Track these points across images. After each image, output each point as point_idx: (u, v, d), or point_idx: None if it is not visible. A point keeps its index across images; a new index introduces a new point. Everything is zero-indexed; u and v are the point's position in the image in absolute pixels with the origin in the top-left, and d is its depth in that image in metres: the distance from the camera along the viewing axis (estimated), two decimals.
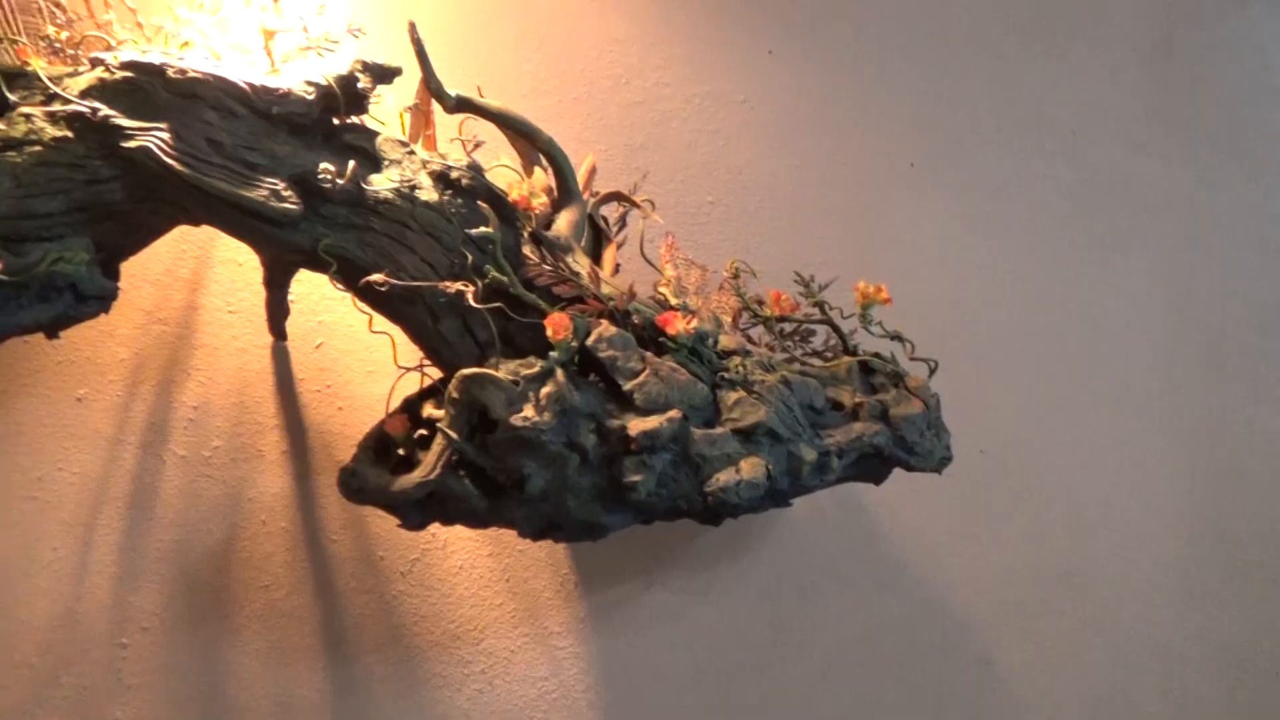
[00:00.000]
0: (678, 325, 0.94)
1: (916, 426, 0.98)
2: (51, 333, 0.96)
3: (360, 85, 1.00)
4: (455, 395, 0.90)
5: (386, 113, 1.06)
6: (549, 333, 0.91)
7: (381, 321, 1.01)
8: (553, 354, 0.91)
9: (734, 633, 1.21)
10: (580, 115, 1.21)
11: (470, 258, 0.94)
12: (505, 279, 0.94)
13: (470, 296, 0.93)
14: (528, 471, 0.88)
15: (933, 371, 1.06)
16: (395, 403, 1.13)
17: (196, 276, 1.15)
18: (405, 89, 1.07)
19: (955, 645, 1.23)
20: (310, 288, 1.16)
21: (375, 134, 1.01)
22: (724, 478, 0.89)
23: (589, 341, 0.92)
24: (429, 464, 0.91)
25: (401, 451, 0.98)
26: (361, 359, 1.17)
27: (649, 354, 0.94)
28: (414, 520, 0.94)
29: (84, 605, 1.12)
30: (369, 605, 1.16)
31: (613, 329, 0.93)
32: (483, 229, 0.93)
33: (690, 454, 0.90)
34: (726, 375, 0.95)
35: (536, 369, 0.90)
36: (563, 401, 0.89)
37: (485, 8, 1.20)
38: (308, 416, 1.17)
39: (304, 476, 1.16)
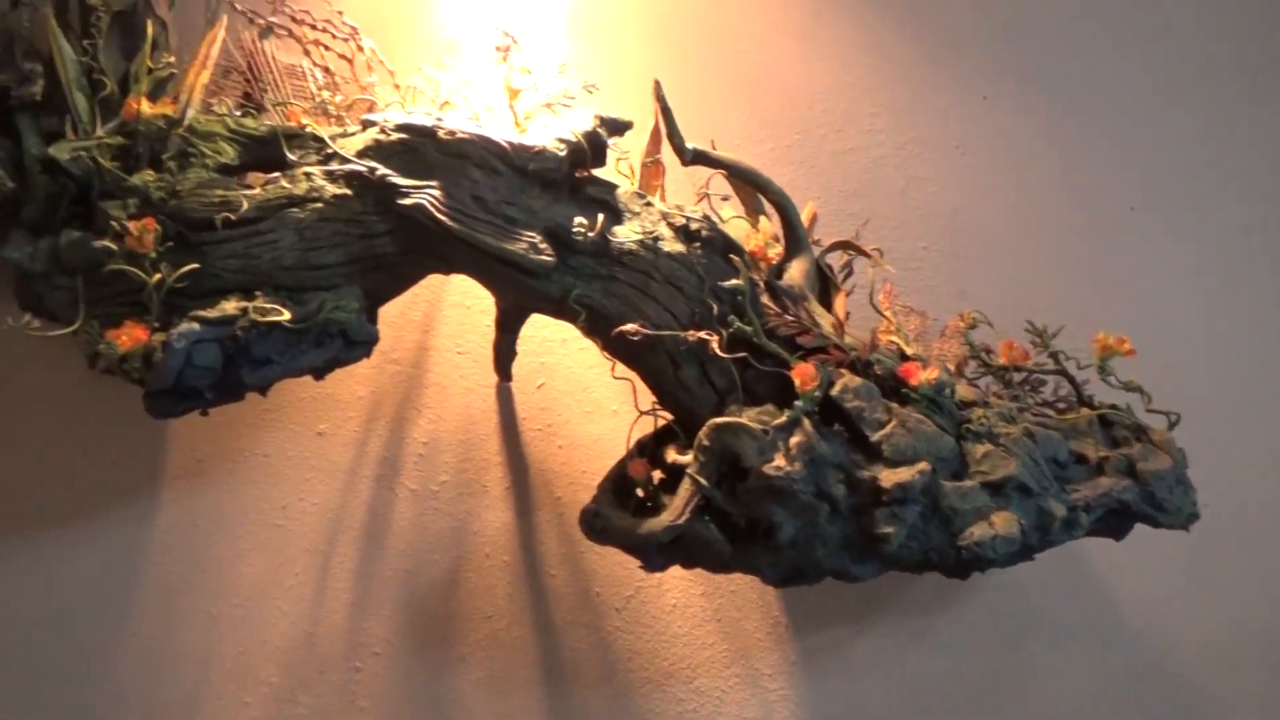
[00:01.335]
0: (920, 376, 0.95)
1: (1165, 482, 0.95)
2: (319, 375, 1.03)
3: (602, 140, 1.05)
4: (706, 443, 0.92)
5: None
6: (796, 383, 0.92)
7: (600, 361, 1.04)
8: (798, 403, 0.93)
9: (947, 682, 1.19)
10: (793, 163, 1.23)
11: (715, 308, 0.97)
12: (750, 329, 0.96)
13: (715, 345, 0.96)
14: (778, 520, 0.90)
15: (1173, 424, 1.03)
16: (613, 443, 1.18)
17: (428, 319, 1.21)
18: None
19: (1185, 710, 1.19)
20: (532, 331, 1.20)
21: (615, 187, 1.05)
22: (978, 532, 0.89)
23: (834, 392, 0.94)
24: (677, 508, 0.93)
25: (640, 494, 1.01)
26: (580, 400, 1.21)
27: (894, 405, 0.94)
28: (657, 563, 0.96)
29: (321, 629, 1.19)
30: (585, 639, 1.19)
31: (857, 379, 0.94)
32: (734, 281, 0.96)
33: (941, 507, 0.90)
34: (971, 427, 0.95)
35: (784, 418, 0.92)
36: (811, 451, 0.90)
37: (698, 59, 1.24)
38: (529, 454, 1.21)
39: (525, 512, 1.20)
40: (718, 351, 0.95)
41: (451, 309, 1.22)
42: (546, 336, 1.21)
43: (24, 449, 1.17)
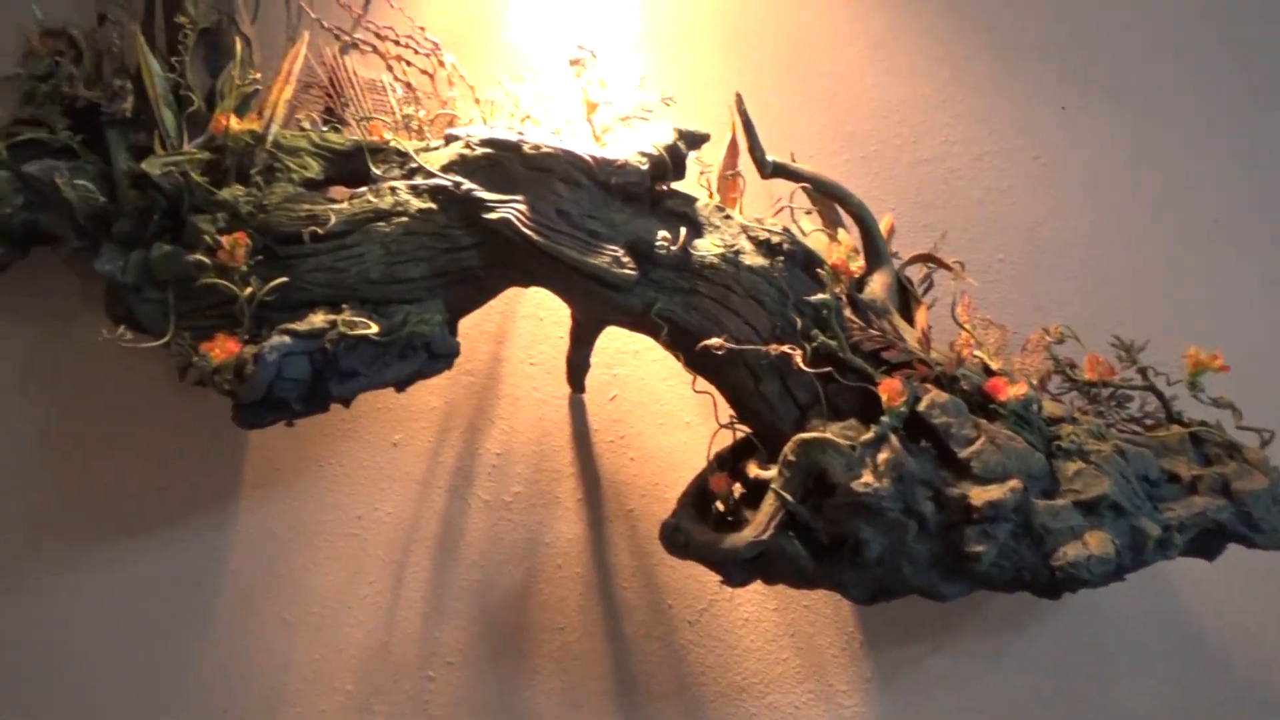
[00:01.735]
0: (1008, 391, 0.94)
1: (1262, 502, 0.93)
2: (401, 387, 1.04)
3: (682, 153, 1.05)
4: (792, 458, 0.91)
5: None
6: (883, 398, 0.92)
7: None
8: (884, 419, 0.92)
9: (1024, 703, 1.17)
10: (868, 174, 1.22)
11: (799, 322, 0.97)
12: (835, 344, 0.95)
13: (799, 360, 0.95)
14: (865, 537, 0.89)
15: (1265, 442, 1.00)
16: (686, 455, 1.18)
17: (501, 330, 1.22)
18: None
19: None
20: (605, 343, 1.20)
21: (694, 200, 1.05)
22: (1072, 552, 0.87)
23: (921, 407, 0.93)
24: (760, 524, 0.93)
25: (720, 507, 1.00)
26: (653, 412, 1.21)
27: (981, 421, 0.93)
28: (738, 578, 0.96)
29: (395, 638, 1.20)
30: (657, 652, 1.19)
31: (944, 395, 0.93)
32: (820, 295, 0.95)
33: (1033, 525, 0.89)
34: (1061, 444, 0.93)
35: (871, 434, 0.91)
36: (900, 468, 0.89)
37: (772, 71, 1.23)
38: (601, 466, 1.21)
39: (597, 524, 1.21)
40: (801, 366, 0.94)
41: (525, 321, 1.22)
42: (619, 348, 1.21)
43: (111, 458, 1.20)
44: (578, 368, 1.18)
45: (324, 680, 1.20)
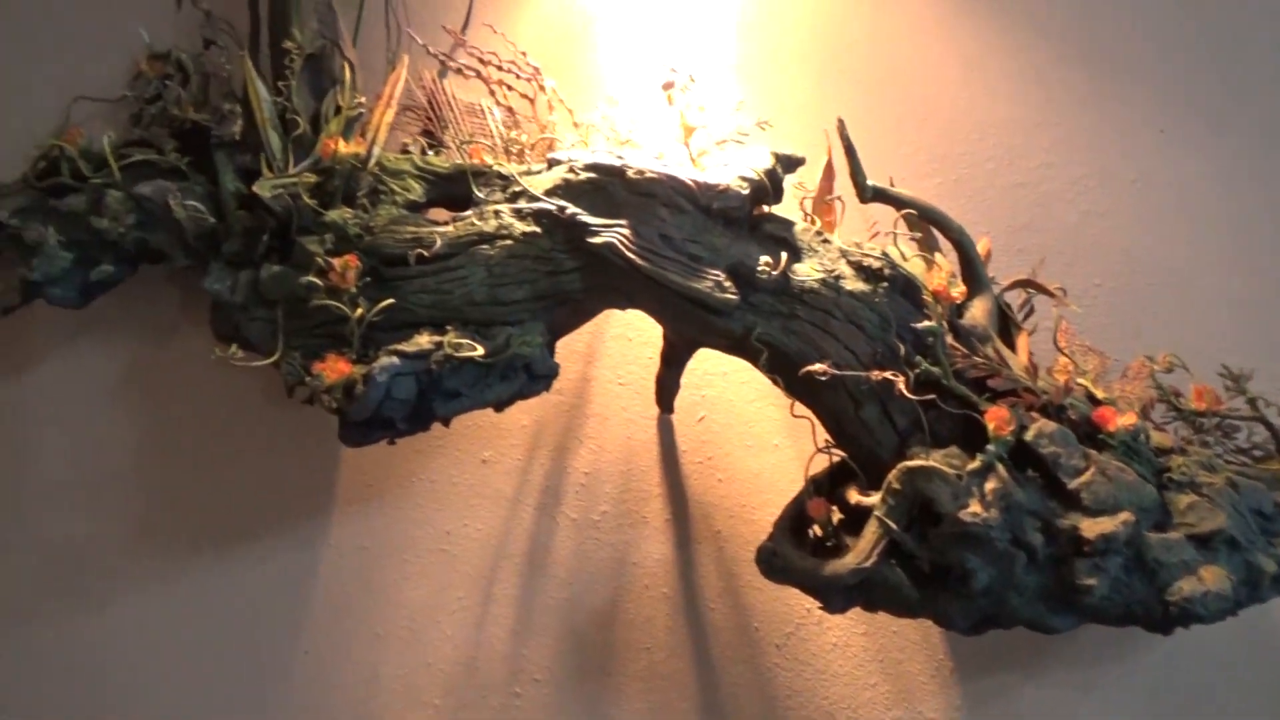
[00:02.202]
0: (1117, 421, 0.92)
1: None
2: (500, 408, 1.06)
3: (781, 177, 1.05)
4: (897, 485, 0.91)
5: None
6: (990, 427, 0.91)
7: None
8: (990, 448, 0.91)
9: None
10: (961, 197, 1.21)
11: (903, 348, 0.96)
12: (939, 371, 0.95)
13: (902, 386, 0.95)
14: (972, 567, 0.88)
15: None
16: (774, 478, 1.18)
17: (590, 350, 1.23)
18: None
19: None
20: (694, 364, 1.20)
21: (792, 224, 1.05)
22: (1187, 587, 0.86)
23: (1028, 436, 0.92)
24: (863, 551, 0.92)
25: (818, 533, 1.00)
26: (741, 434, 1.21)
27: (1090, 451, 0.92)
28: (838, 605, 0.96)
29: (483, 653, 1.21)
30: (744, 675, 1.19)
31: (1052, 424, 0.92)
32: (927, 323, 0.95)
33: (1145, 559, 0.87)
34: (1172, 476, 0.92)
35: (977, 463, 0.90)
36: (1008, 498, 0.89)
37: (863, 93, 1.23)
38: (689, 486, 1.22)
39: (684, 544, 1.21)
40: (904, 393, 0.94)
41: (614, 341, 1.23)
42: (708, 370, 1.21)
43: (207, 470, 1.23)
44: (668, 389, 1.18)
45: (412, 693, 1.21)
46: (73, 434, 1.24)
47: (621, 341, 1.23)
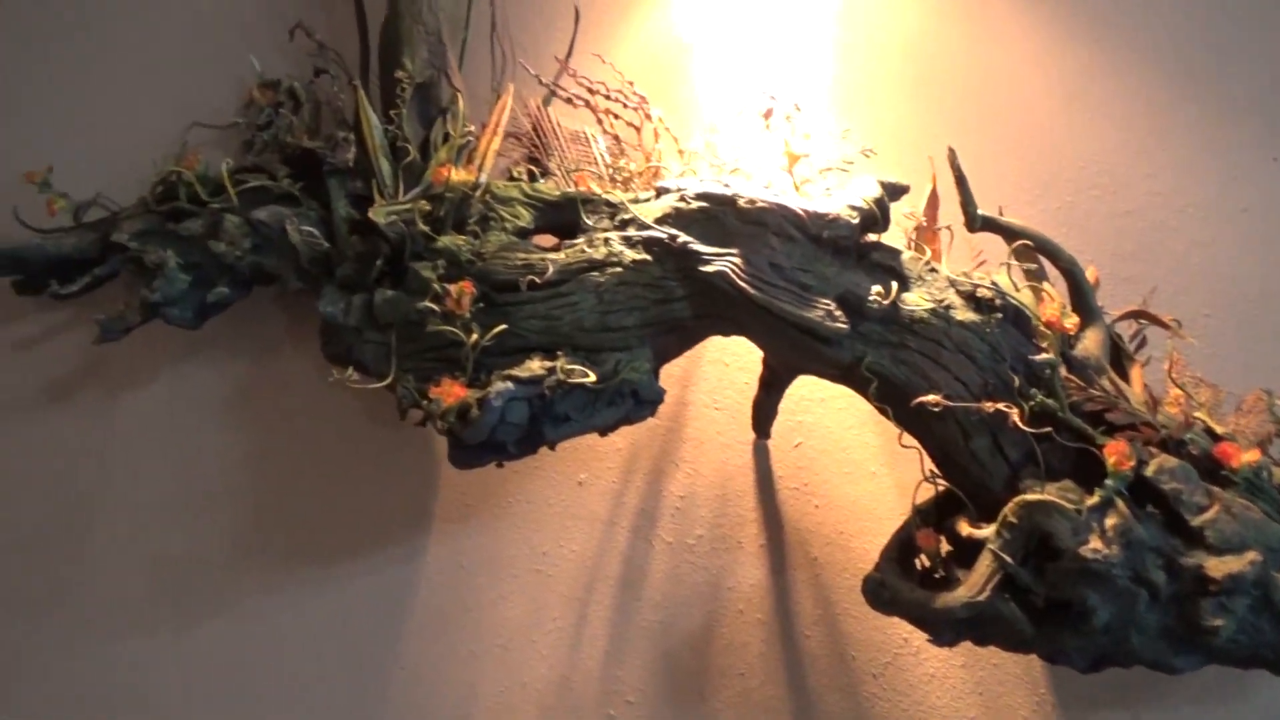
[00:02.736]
0: (1241, 457, 0.91)
1: None
2: (605, 432, 1.07)
3: (888, 205, 1.05)
4: (1013, 519, 0.90)
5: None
6: (1109, 461, 0.90)
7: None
8: (1109, 482, 0.90)
9: None
10: (1064, 225, 1.20)
11: (1017, 380, 0.96)
12: (1055, 403, 0.94)
13: (1016, 418, 0.94)
14: (1092, 604, 0.87)
15: None
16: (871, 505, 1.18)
17: (686, 374, 1.24)
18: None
19: None
20: (791, 389, 1.19)
21: (900, 252, 1.05)
22: None
23: (1149, 472, 0.90)
24: (976, 584, 0.91)
25: (924, 563, 1.00)
26: (838, 460, 1.21)
27: (1213, 488, 0.90)
28: (947, 637, 0.95)
29: (577, 674, 1.22)
30: (839, 704, 1.18)
31: (1173, 460, 0.91)
32: (1044, 355, 0.94)
33: (1273, 600, 0.85)
34: None
35: (1096, 498, 0.89)
36: (1128, 534, 0.87)
37: (965, 119, 1.23)
38: (785, 512, 1.22)
39: (780, 570, 1.21)
40: (1020, 425, 0.93)
41: (710, 366, 1.24)
42: (804, 395, 1.21)
43: (309, 487, 1.26)
44: (765, 414, 1.18)
45: (507, 712, 1.22)
46: (182, 450, 1.28)
47: (718, 366, 1.24)
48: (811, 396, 1.22)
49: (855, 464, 1.21)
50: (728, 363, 1.23)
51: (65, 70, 1.29)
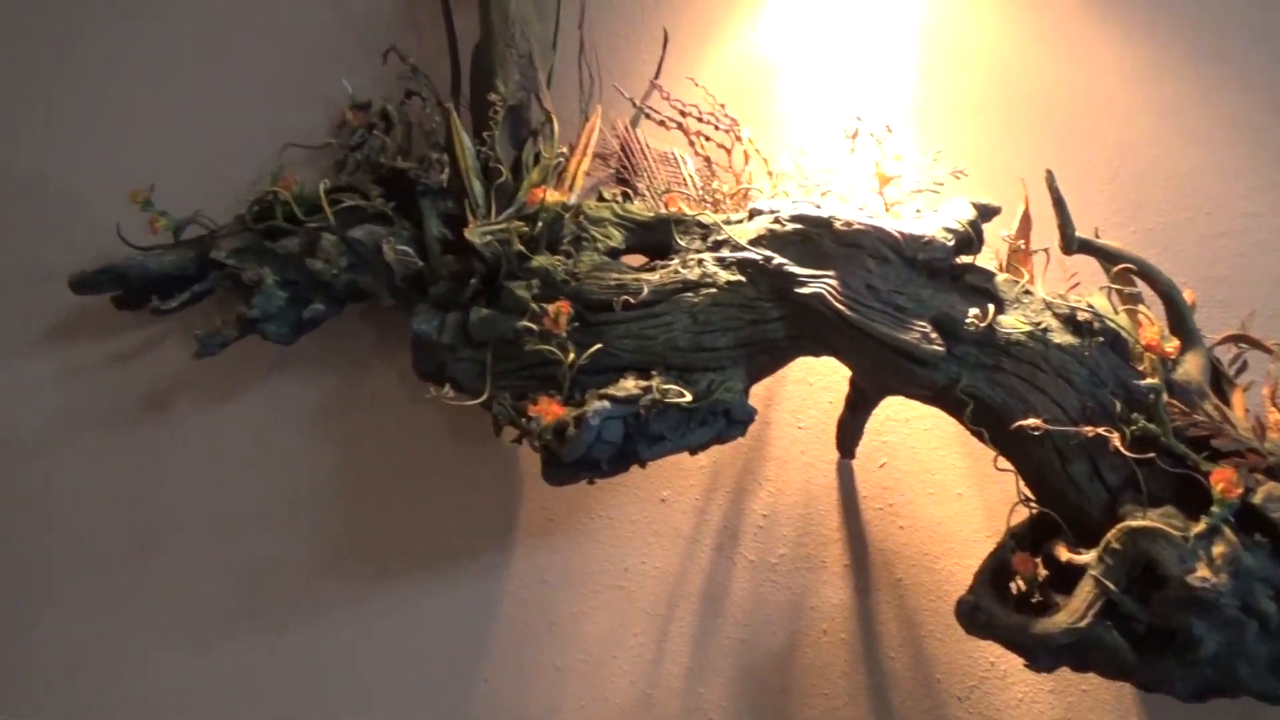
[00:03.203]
0: None
1: None
2: (696, 451, 1.08)
3: (981, 227, 1.05)
4: (1117, 545, 0.89)
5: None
6: (1217, 488, 0.88)
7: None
8: (1215, 510, 0.89)
9: None
10: (1156, 247, 1.18)
11: (1118, 404, 0.95)
12: (1158, 428, 0.93)
13: (1117, 443, 0.93)
14: (1198, 633, 0.86)
15: None
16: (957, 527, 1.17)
17: (770, 393, 1.24)
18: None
19: None
20: (875, 409, 1.20)
21: (994, 274, 1.05)
22: None
23: (1257, 500, 0.89)
24: (1077, 610, 0.91)
25: (1020, 587, 0.99)
26: (923, 481, 1.21)
27: None
28: (1045, 663, 0.94)
29: (658, 690, 1.23)
30: None
31: None
32: (1150, 379, 0.93)
33: None
34: None
35: (1203, 526, 0.88)
36: (1237, 562, 0.86)
37: (1054, 139, 1.22)
38: (869, 533, 1.21)
39: (864, 590, 1.20)
40: (1121, 450, 0.92)
41: (794, 385, 1.24)
42: (889, 415, 1.21)
43: (395, 501, 1.28)
44: (851, 434, 1.18)
45: None
46: (271, 461, 1.31)
47: (802, 386, 1.24)
48: (897, 417, 1.22)
49: (941, 485, 1.20)
50: (811, 382, 1.24)
51: (166, 94, 1.34)
